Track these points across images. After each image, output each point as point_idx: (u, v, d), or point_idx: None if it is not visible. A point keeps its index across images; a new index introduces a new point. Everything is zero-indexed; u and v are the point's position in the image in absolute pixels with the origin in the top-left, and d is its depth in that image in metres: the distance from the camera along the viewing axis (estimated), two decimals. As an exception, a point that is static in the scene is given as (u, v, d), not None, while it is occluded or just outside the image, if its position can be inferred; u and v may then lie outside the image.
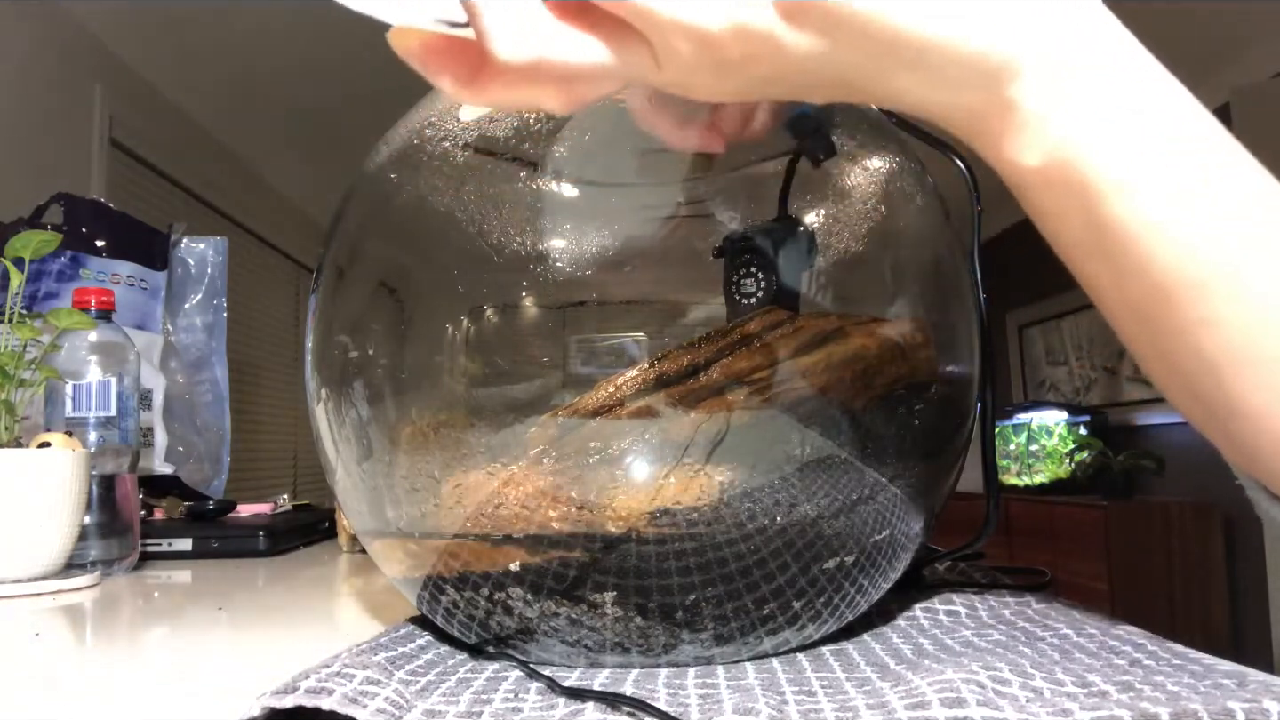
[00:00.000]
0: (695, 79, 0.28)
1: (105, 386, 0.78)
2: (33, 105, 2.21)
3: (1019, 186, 0.32)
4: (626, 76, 0.28)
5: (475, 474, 0.39)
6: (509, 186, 0.42)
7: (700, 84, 0.28)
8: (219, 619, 0.57)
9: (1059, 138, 0.29)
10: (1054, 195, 0.31)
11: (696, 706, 0.33)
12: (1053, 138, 0.29)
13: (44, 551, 0.68)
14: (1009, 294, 4.42)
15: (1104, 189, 0.29)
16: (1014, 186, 0.32)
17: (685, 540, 0.38)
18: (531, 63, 0.26)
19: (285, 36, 2.60)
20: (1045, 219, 0.32)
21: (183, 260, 1.23)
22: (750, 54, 0.27)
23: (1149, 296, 0.31)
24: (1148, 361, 0.34)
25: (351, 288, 0.46)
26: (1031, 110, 0.29)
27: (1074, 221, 0.31)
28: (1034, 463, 3.83)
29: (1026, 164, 0.30)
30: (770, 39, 0.27)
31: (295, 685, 0.32)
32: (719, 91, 0.29)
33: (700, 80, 0.28)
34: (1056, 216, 0.32)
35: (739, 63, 0.27)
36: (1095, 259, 0.32)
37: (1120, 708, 0.31)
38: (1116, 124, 0.29)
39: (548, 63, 0.26)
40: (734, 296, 0.40)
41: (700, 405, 0.38)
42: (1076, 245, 0.32)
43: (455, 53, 0.28)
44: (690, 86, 0.29)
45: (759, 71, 0.28)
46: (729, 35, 0.27)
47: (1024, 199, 0.32)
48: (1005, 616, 0.48)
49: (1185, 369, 0.32)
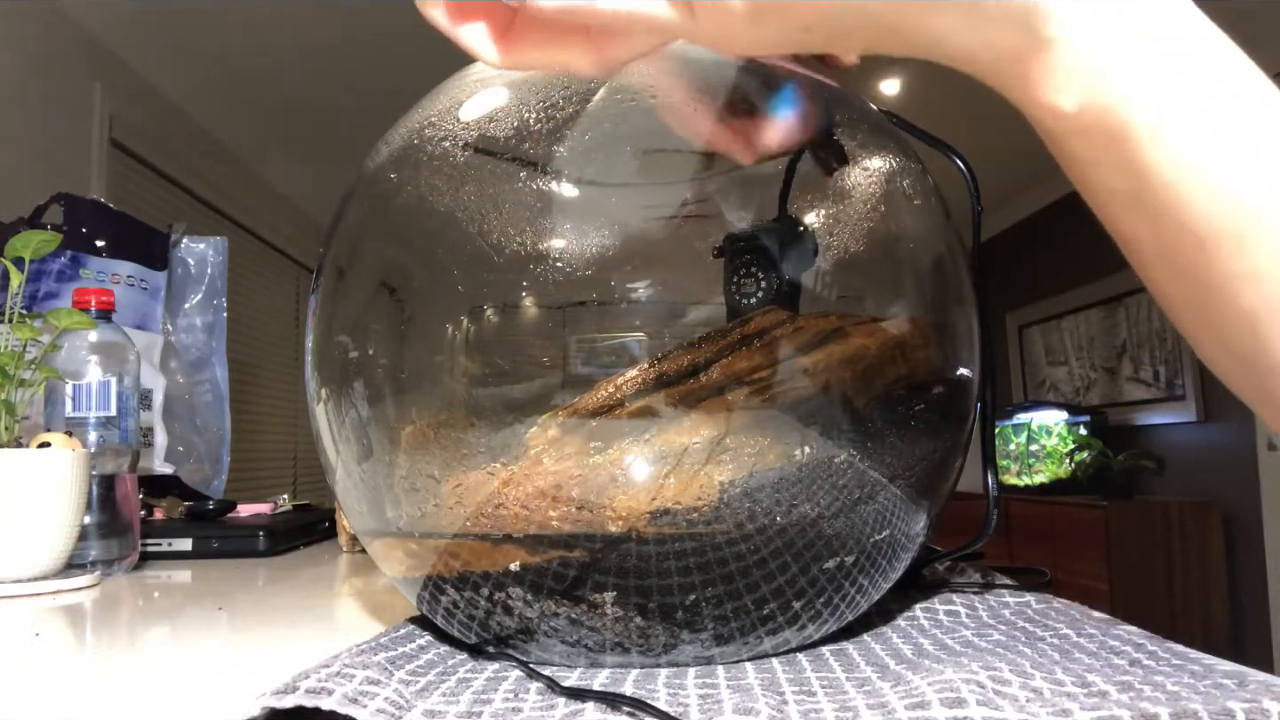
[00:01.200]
0: (731, 29, 0.28)
1: (105, 386, 0.78)
2: (33, 105, 2.21)
3: (1055, 133, 0.31)
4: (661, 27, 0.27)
5: (475, 474, 0.39)
6: (509, 186, 0.42)
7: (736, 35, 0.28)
8: (219, 619, 0.57)
9: (1096, 81, 0.29)
10: (1091, 141, 0.30)
11: (696, 706, 0.33)
12: (1089, 80, 0.29)
13: (44, 551, 0.68)
14: (1009, 294, 4.42)
15: (1143, 134, 0.29)
16: (1049, 133, 0.31)
17: (685, 540, 0.38)
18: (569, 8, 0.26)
19: (286, 37, 2.60)
20: (1081, 167, 0.31)
21: (183, 260, 1.23)
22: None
23: (1186, 248, 0.30)
24: (1183, 318, 0.33)
25: (351, 288, 0.46)
26: (1070, 51, 0.28)
27: (1111, 168, 0.30)
28: (1034, 463, 3.83)
29: (1064, 108, 0.29)
30: None
31: (295, 685, 0.32)
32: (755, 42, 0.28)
33: (736, 30, 0.28)
34: (1093, 164, 0.31)
35: (777, 10, 0.27)
36: (1132, 209, 0.31)
37: (1120, 708, 0.31)
38: (1157, 68, 0.28)
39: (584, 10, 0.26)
40: (734, 296, 0.40)
41: (700, 405, 0.38)
42: (1113, 194, 0.31)
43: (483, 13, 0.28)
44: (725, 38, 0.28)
45: (797, 18, 0.27)
46: None
47: (1060, 146, 0.31)
48: (1005, 616, 0.48)
49: (1222, 324, 0.31)
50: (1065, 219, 3.90)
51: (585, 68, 0.28)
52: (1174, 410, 3.30)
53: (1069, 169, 0.32)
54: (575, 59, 0.28)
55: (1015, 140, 3.82)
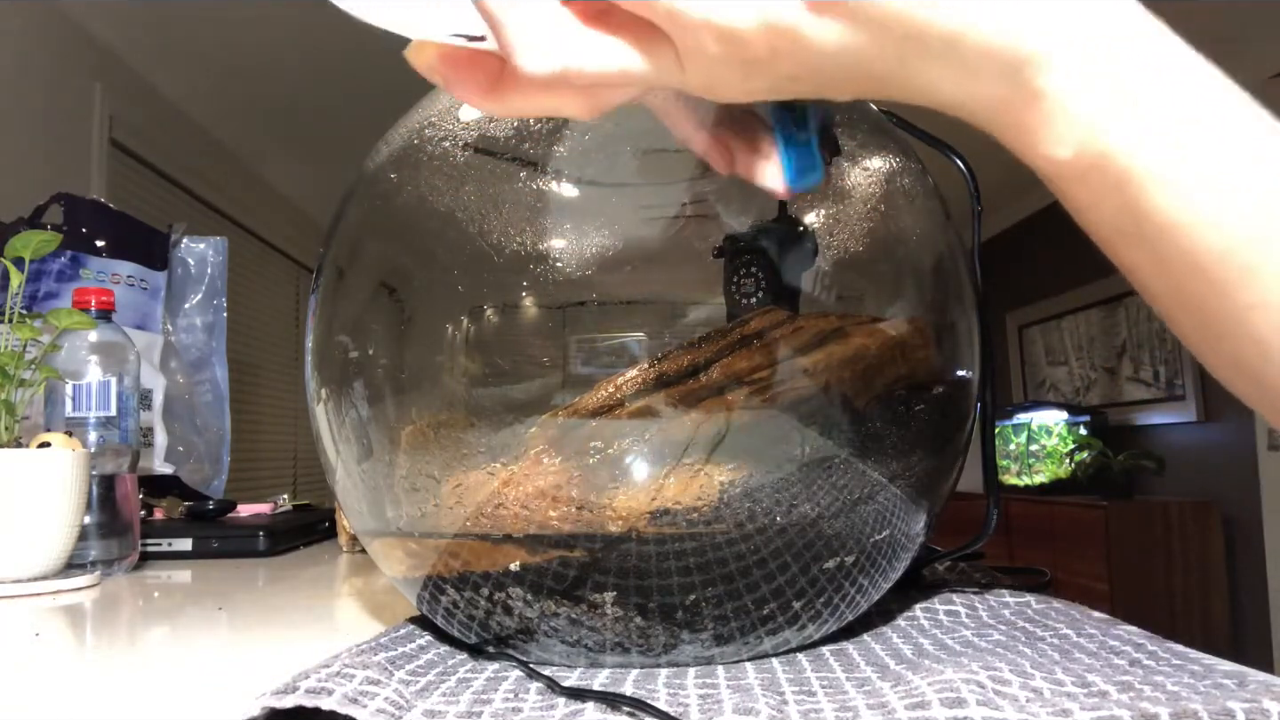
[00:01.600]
0: (721, 79, 0.28)
1: (105, 386, 0.78)
2: (33, 105, 2.21)
3: (1052, 179, 0.31)
4: (651, 81, 0.28)
5: (475, 474, 0.39)
6: (509, 186, 0.42)
7: (726, 84, 0.28)
8: (219, 619, 0.57)
9: (1091, 130, 0.29)
10: (1089, 188, 0.30)
11: (696, 706, 0.33)
12: (1084, 129, 0.29)
13: (44, 551, 0.68)
14: (1009, 294, 4.42)
15: (1143, 179, 0.28)
16: (1047, 179, 0.31)
17: (685, 540, 0.38)
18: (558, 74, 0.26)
19: (286, 37, 2.60)
20: (1081, 212, 0.31)
21: (183, 260, 1.23)
22: (777, 50, 0.27)
23: (1195, 283, 0.30)
24: (1192, 342, 0.33)
25: (351, 288, 0.46)
26: (1062, 102, 0.28)
27: (1112, 212, 0.30)
28: (1034, 463, 3.83)
29: (1059, 157, 0.29)
30: (798, 34, 0.27)
31: (295, 685, 0.32)
32: (744, 91, 0.29)
33: (726, 80, 0.28)
34: (1093, 209, 0.31)
35: (766, 60, 0.27)
36: (1135, 248, 0.31)
37: (1120, 708, 0.31)
38: (1151, 113, 0.28)
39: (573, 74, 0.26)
40: (734, 296, 0.40)
41: (700, 405, 0.38)
42: (1116, 234, 0.31)
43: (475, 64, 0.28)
44: (715, 88, 0.28)
45: (786, 68, 0.28)
46: (757, 32, 0.26)
47: (1058, 191, 0.31)
48: (1005, 616, 0.48)
49: (1236, 351, 0.31)
50: (1065, 219, 3.82)
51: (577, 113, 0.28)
52: (1174, 410, 3.30)
53: (1070, 211, 0.32)
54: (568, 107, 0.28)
55: (1015, 140, 3.80)
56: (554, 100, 0.28)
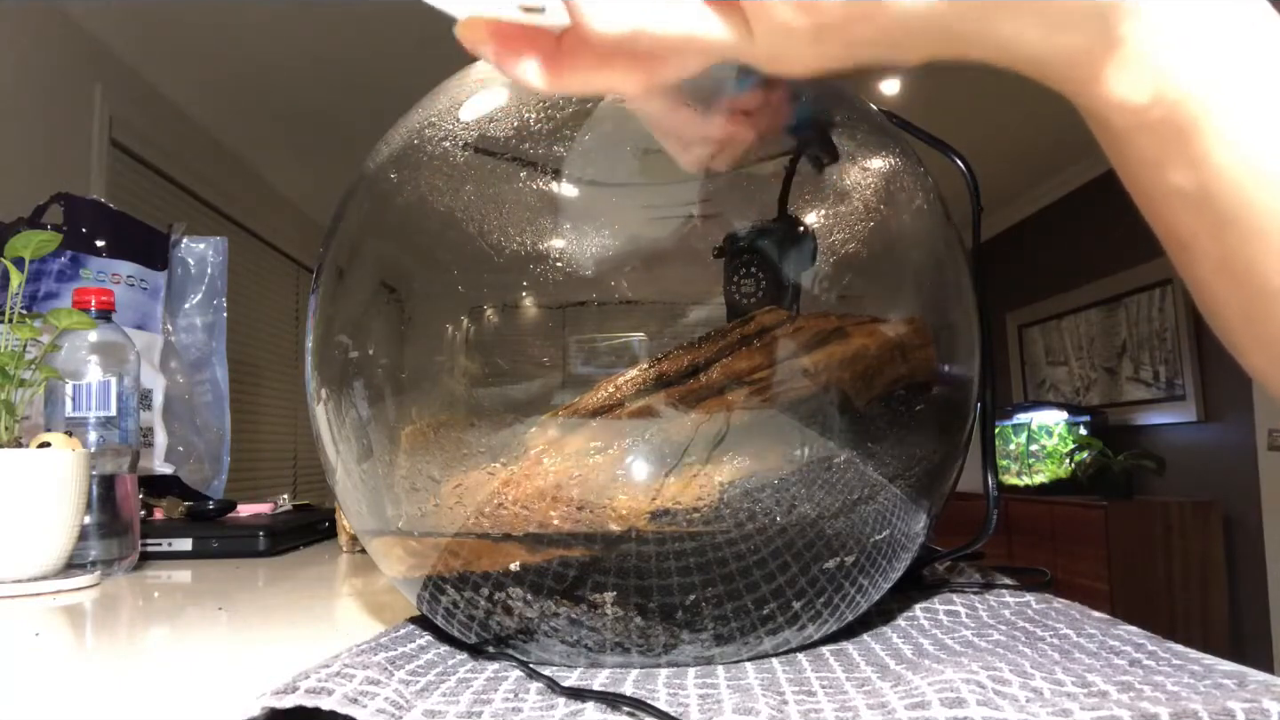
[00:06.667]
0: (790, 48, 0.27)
1: (105, 386, 0.78)
2: (33, 105, 2.21)
3: (1121, 130, 0.30)
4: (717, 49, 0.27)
5: (475, 474, 0.39)
6: (509, 186, 0.42)
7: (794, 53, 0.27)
8: (219, 619, 0.57)
9: (1167, 76, 0.28)
10: (1158, 138, 0.29)
11: (696, 706, 0.33)
12: (1161, 75, 0.28)
13: (44, 551, 0.68)
14: (1009, 294, 4.42)
15: (1214, 129, 0.28)
16: (1115, 131, 0.31)
17: (685, 540, 0.38)
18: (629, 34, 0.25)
19: (285, 37, 2.60)
20: (1144, 168, 0.31)
21: (183, 260, 1.23)
22: (853, 14, 0.26)
23: (1248, 247, 0.29)
24: (1233, 328, 0.33)
25: (351, 288, 0.46)
26: (1142, 48, 0.28)
27: (1176, 167, 0.30)
28: (1034, 463, 3.83)
29: (1133, 101, 0.29)
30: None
31: (295, 685, 0.32)
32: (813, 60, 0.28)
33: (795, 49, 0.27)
34: (1156, 164, 0.30)
35: (839, 25, 0.26)
36: (1192, 209, 0.30)
37: (1120, 708, 0.31)
38: (1231, 63, 0.28)
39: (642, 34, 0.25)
40: (734, 296, 0.40)
41: (700, 405, 0.38)
42: (1174, 193, 0.30)
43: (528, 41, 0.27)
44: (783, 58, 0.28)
45: (860, 32, 0.27)
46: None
47: (1124, 145, 0.31)
48: (1005, 616, 0.48)
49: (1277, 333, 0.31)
50: (1065, 219, 3.90)
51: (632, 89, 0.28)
52: (1174, 410, 3.30)
53: (1129, 170, 0.32)
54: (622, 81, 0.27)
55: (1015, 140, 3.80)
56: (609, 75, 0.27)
